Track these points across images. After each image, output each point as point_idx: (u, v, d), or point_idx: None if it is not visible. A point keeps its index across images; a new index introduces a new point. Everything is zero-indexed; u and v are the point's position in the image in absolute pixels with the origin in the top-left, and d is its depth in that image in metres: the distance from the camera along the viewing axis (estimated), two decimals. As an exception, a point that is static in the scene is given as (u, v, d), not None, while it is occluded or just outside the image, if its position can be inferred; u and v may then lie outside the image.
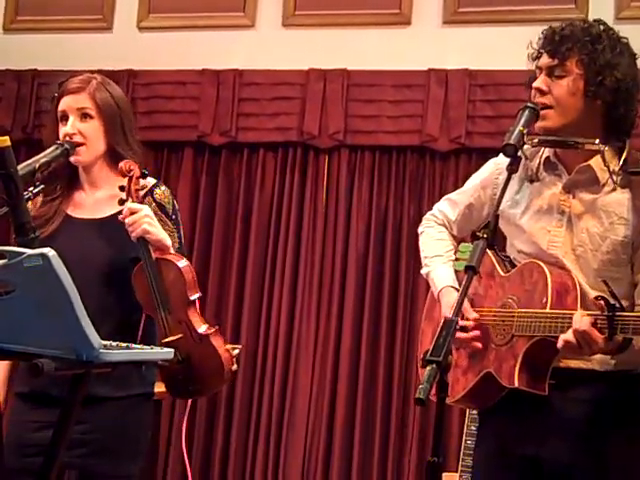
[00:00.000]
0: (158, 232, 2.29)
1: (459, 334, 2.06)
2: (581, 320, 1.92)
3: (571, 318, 1.94)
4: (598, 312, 1.93)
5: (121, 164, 2.32)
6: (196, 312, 2.33)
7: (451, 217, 2.39)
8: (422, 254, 2.42)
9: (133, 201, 2.29)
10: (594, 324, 1.91)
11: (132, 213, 2.26)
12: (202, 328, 2.31)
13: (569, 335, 1.93)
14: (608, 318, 1.88)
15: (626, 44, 2.10)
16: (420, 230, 2.46)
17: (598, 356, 2.04)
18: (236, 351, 2.35)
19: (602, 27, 2.10)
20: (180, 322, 2.29)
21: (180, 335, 2.27)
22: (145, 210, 2.28)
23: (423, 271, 2.41)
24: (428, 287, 2.45)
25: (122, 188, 2.31)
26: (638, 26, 3.93)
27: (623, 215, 2.06)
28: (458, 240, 2.43)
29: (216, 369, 2.30)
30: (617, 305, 1.89)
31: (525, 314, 2.06)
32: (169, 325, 2.28)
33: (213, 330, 2.32)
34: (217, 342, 2.31)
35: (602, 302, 1.91)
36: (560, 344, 1.95)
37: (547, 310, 2.01)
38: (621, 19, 4.02)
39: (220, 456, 4.26)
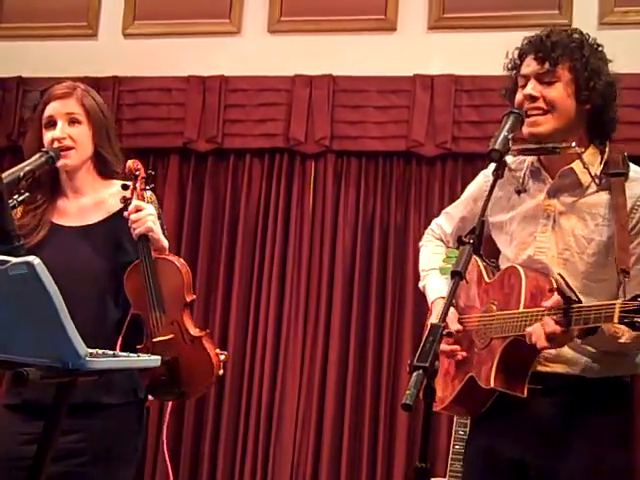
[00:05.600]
0: (159, 232, 2.32)
1: (443, 345, 2.08)
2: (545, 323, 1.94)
3: (537, 315, 1.97)
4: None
5: (129, 163, 2.35)
6: (189, 315, 2.35)
7: (447, 230, 2.43)
8: (420, 268, 2.46)
9: (138, 199, 2.31)
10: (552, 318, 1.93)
11: (137, 210, 2.28)
12: (195, 330, 2.31)
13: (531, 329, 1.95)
14: (564, 310, 1.90)
15: (602, 51, 2.14)
16: (420, 244, 2.52)
17: (585, 362, 2.06)
18: (222, 357, 2.35)
19: (581, 34, 2.13)
20: (173, 323, 2.29)
21: (172, 335, 2.28)
22: (150, 209, 2.30)
23: (420, 285, 2.45)
24: (415, 291, 2.47)
25: (125, 187, 2.32)
26: (621, 31, 3.98)
27: (607, 217, 2.08)
28: None
29: (206, 371, 2.30)
30: (573, 297, 1.90)
31: (501, 316, 2.09)
32: (162, 325, 2.28)
33: (205, 333, 2.33)
34: (209, 345, 2.31)
35: (557, 294, 1.93)
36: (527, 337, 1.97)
37: (519, 310, 2.04)
38: (604, 24, 4.04)
39: (208, 463, 4.24)
